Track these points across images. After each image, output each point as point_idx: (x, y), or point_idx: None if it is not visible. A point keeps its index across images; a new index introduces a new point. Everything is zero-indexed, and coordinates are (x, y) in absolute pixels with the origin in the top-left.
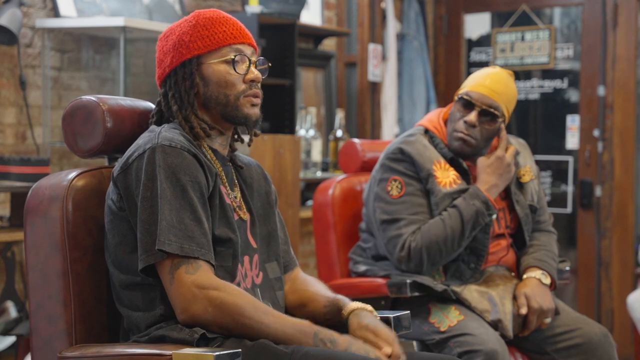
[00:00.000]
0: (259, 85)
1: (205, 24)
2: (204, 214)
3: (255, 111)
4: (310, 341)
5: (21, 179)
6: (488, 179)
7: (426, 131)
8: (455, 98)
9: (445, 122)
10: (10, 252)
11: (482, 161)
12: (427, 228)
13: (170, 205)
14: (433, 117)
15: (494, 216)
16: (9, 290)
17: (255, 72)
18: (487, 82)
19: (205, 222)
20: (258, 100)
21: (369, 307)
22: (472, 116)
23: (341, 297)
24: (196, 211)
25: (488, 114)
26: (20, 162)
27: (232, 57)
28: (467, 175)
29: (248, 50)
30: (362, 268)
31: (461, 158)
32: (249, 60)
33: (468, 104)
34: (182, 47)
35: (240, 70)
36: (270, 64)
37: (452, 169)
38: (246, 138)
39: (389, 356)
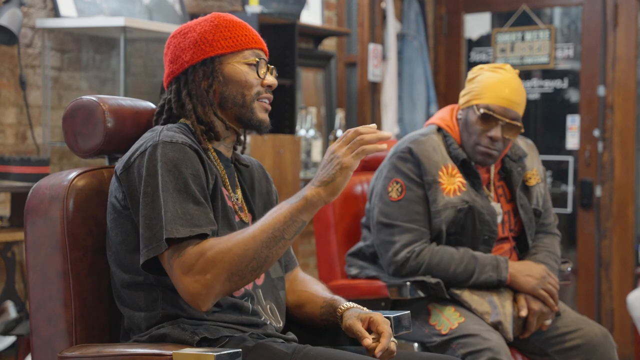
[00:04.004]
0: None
1: (227, 26)
2: (207, 206)
3: (267, 117)
4: (287, 205)
5: (21, 179)
6: (525, 280)
7: (439, 129)
8: (465, 103)
9: (457, 120)
10: (10, 252)
11: (534, 270)
12: (440, 258)
13: (173, 198)
14: (445, 116)
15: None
16: (9, 290)
17: (271, 78)
18: (506, 92)
19: (210, 211)
20: (270, 107)
21: (364, 308)
22: (498, 132)
23: (338, 298)
24: (199, 202)
25: (512, 126)
26: (20, 162)
27: (256, 60)
28: (477, 178)
29: (265, 57)
30: (353, 271)
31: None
32: (268, 66)
33: (491, 119)
34: (205, 45)
35: (261, 73)
36: (277, 75)
37: (459, 174)
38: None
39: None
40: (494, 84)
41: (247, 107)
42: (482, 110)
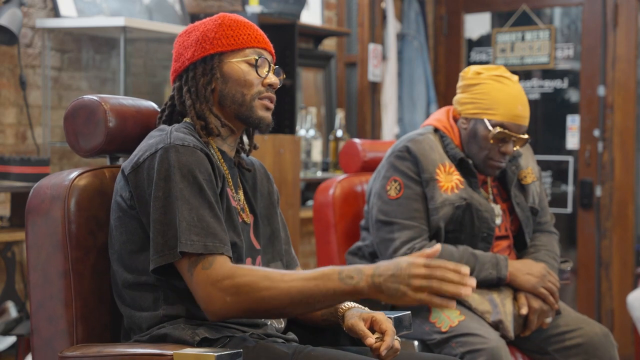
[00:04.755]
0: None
1: (230, 25)
2: (220, 212)
3: (269, 115)
4: (337, 280)
5: (21, 179)
6: (525, 279)
7: (436, 130)
8: (472, 114)
9: (455, 123)
10: (10, 252)
11: (534, 269)
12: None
13: (189, 204)
14: (442, 117)
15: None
16: (9, 290)
17: (274, 78)
18: (520, 109)
19: (222, 219)
20: (272, 105)
21: (366, 308)
22: (511, 147)
23: None
24: (214, 208)
25: (522, 139)
26: (20, 162)
27: (255, 58)
28: (474, 177)
29: (268, 56)
30: None
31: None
32: (270, 65)
33: (505, 136)
34: (206, 43)
35: (261, 73)
36: (285, 76)
37: (456, 172)
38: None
39: (381, 347)
40: (504, 99)
41: (246, 105)
42: (497, 129)
